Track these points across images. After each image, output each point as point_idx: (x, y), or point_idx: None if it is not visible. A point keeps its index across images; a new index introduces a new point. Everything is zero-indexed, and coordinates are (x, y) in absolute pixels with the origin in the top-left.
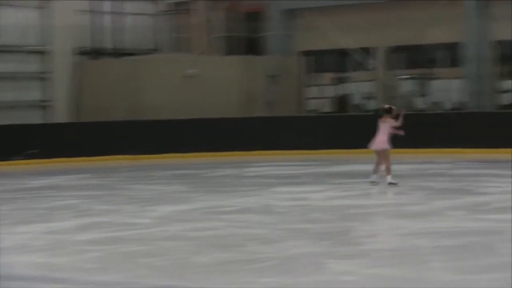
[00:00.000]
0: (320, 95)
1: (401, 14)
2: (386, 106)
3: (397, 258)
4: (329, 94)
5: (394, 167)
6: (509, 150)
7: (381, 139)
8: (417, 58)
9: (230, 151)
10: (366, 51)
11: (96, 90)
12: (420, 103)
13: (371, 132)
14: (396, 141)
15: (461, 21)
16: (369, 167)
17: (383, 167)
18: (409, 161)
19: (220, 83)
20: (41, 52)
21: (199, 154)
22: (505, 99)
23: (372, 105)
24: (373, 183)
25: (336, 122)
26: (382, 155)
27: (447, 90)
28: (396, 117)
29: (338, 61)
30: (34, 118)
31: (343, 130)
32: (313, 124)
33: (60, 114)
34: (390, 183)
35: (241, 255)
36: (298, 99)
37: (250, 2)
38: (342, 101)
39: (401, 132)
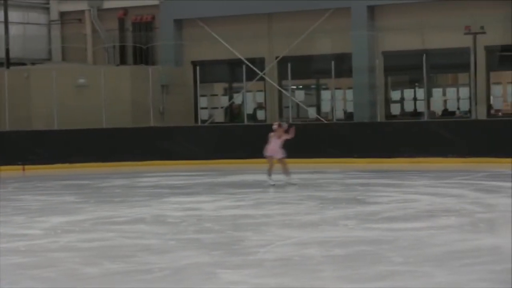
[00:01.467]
0: (212, 105)
1: (290, 25)
2: (275, 125)
3: (287, 267)
4: (221, 104)
5: (282, 177)
6: (396, 160)
7: (274, 147)
8: (307, 68)
9: (122, 161)
10: (256, 61)
11: None
12: (310, 113)
13: (263, 142)
14: (287, 151)
15: (349, 31)
16: (261, 177)
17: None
18: (299, 170)
19: (112, 93)
20: None
21: (89, 165)
22: (394, 109)
23: (263, 115)
24: (272, 185)
25: (228, 132)
26: (279, 162)
27: (337, 100)
28: (286, 131)
29: (229, 71)
30: None
31: (235, 140)
32: (205, 134)
33: None
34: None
35: (132, 266)
36: (190, 109)
37: (140, 12)
38: (234, 111)
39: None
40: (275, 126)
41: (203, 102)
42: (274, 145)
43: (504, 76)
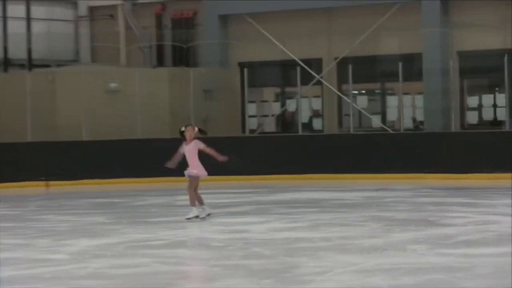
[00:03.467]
0: (262, 113)
1: (351, 22)
2: (182, 128)
3: None
4: (272, 111)
5: (346, 195)
6: (474, 176)
7: (193, 164)
8: (371, 70)
9: (158, 177)
10: (313, 62)
11: (3, 107)
12: (374, 122)
13: (319, 154)
14: (343, 165)
15: (419, 29)
16: (317, 195)
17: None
18: (362, 187)
19: (148, 99)
20: None
21: (121, 180)
22: (471, 117)
23: (320, 124)
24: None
25: (280, 143)
26: (191, 181)
27: (405, 107)
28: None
29: (282, 74)
30: None
31: (288, 152)
32: (253, 146)
33: None
34: (187, 218)
35: None
36: (237, 117)
37: (180, 7)
38: (287, 120)
39: (222, 158)
40: (182, 128)
41: (251, 109)
42: (193, 161)
43: None
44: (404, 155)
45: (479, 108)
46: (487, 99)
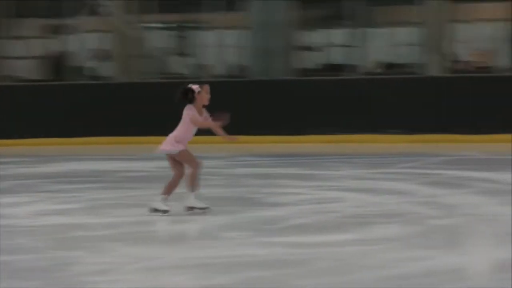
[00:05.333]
0: (24, 54)
1: None
2: (186, 87)
3: None
4: (38, 51)
5: (137, 165)
6: (308, 138)
7: (169, 137)
8: None
9: None
10: None
11: None
12: (179, 67)
13: (108, 109)
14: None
15: None
16: (103, 165)
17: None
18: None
19: None
20: None
21: None
22: (308, 60)
23: (107, 68)
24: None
25: (52, 94)
26: (179, 160)
27: (222, 47)
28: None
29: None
30: None
31: (61, 108)
32: (14, 99)
33: None
34: (189, 208)
35: None
36: None
37: None
38: (58, 63)
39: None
40: (185, 88)
41: (10, 47)
42: (184, 130)
43: (474, 9)
44: (219, 111)
45: (319, 48)
46: (329, 35)
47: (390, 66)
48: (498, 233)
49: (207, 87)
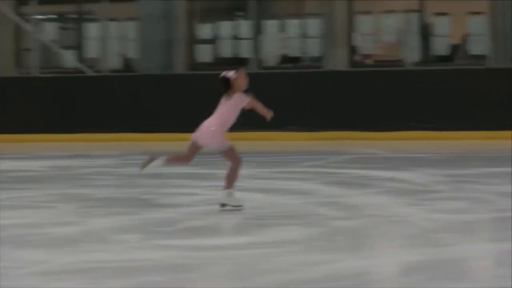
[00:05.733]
0: None
1: None
2: (221, 76)
3: None
4: None
5: (26, 164)
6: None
7: (215, 131)
8: None
9: None
10: None
11: None
12: (67, 61)
13: None
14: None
15: None
16: None
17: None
18: (50, 154)
19: None
20: None
21: None
22: (202, 53)
23: None
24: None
25: None
26: (226, 156)
27: (112, 39)
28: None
29: None
30: None
31: None
32: None
33: None
34: (222, 204)
35: None
36: None
37: None
38: None
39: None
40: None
41: None
42: (211, 122)
43: (376, 3)
44: (108, 108)
45: (214, 40)
46: (226, 28)
47: (289, 60)
48: (404, 235)
49: (242, 72)
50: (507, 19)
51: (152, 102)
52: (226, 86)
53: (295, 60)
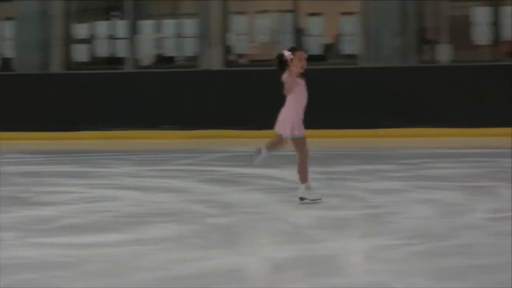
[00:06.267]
0: None
1: None
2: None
3: None
4: None
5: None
6: (80, 134)
7: (293, 120)
8: None
9: None
10: None
11: None
12: None
13: None
14: None
15: None
16: None
17: None
18: None
19: None
20: None
21: None
22: (78, 53)
23: None
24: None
25: None
26: (294, 146)
27: None
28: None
29: None
30: None
31: None
32: None
33: None
34: (301, 198)
35: None
36: None
37: None
38: None
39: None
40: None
41: None
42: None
43: (250, 3)
44: None
45: (91, 40)
46: (103, 27)
47: (164, 59)
48: (278, 232)
49: (301, 54)
50: (378, 19)
51: (30, 101)
52: (279, 64)
53: (170, 59)
